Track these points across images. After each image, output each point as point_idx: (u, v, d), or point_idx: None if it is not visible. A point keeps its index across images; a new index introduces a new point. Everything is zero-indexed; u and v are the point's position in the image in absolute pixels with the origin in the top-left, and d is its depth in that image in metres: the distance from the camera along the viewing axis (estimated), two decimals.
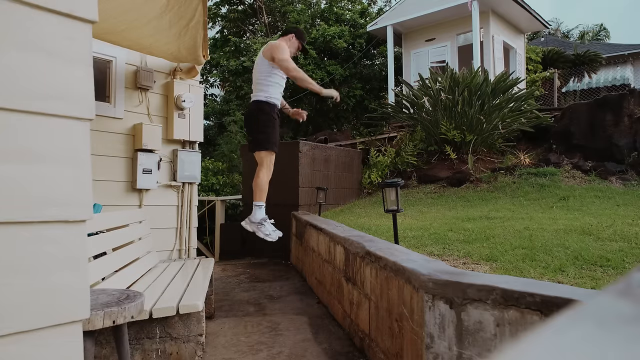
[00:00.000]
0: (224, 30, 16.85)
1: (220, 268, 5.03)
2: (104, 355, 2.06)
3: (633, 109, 6.61)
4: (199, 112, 3.99)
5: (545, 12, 58.41)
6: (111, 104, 3.49)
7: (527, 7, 10.32)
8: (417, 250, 2.85)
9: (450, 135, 7.09)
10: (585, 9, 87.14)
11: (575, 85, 12.68)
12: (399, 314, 1.78)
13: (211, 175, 9.50)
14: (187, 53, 3.34)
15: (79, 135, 1.00)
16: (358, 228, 3.67)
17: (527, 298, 1.16)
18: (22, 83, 0.90)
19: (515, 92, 7.59)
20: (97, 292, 1.75)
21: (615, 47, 15.27)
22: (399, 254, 1.96)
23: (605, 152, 6.51)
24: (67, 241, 0.97)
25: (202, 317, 2.23)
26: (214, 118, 14.42)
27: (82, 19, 0.99)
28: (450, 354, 1.37)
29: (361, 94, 12.45)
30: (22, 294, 0.90)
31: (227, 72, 13.53)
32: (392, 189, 2.65)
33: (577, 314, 0.24)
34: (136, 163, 3.52)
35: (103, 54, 3.42)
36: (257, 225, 3.52)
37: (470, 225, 3.73)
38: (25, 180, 0.91)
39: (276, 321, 2.96)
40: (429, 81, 7.78)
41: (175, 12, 2.79)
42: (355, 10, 14.35)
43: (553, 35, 20.27)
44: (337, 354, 2.38)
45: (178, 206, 3.88)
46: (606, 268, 2.25)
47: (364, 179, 7.15)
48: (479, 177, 6.49)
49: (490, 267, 2.41)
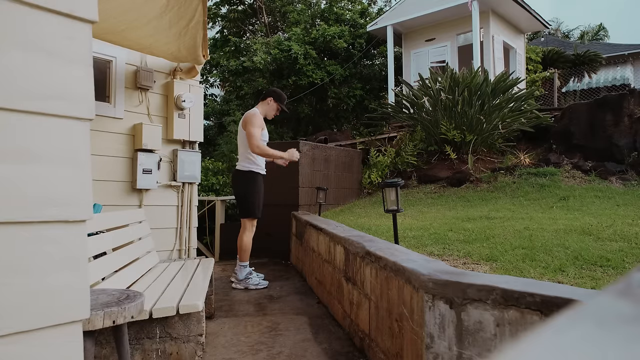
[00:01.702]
0: (224, 30, 16.86)
1: (220, 268, 5.03)
2: (104, 355, 2.06)
3: (633, 109, 6.61)
4: (199, 112, 3.99)
5: (545, 12, 58.40)
6: (111, 104, 3.49)
7: (527, 7, 10.32)
8: (417, 250, 2.85)
9: (450, 135, 7.09)
10: (584, 8, 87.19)
11: (575, 85, 12.68)
12: (399, 314, 1.78)
13: (211, 175, 9.49)
14: (187, 53, 3.34)
15: (79, 135, 1.00)
16: (358, 228, 3.67)
17: (527, 298, 1.16)
18: (22, 83, 0.90)
19: (515, 92, 7.59)
20: (97, 292, 1.75)
21: (615, 47, 15.28)
22: (399, 254, 1.95)
23: (605, 152, 6.51)
24: (67, 241, 0.97)
25: (202, 317, 2.23)
26: (214, 118, 14.42)
27: (82, 19, 0.99)
28: (450, 354, 1.37)
29: (361, 94, 12.44)
30: (22, 294, 0.90)
31: (227, 72, 13.54)
32: (392, 189, 2.65)
33: (577, 314, 0.24)
34: (136, 163, 3.52)
35: (103, 54, 3.41)
36: (244, 281, 3.86)
37: (470, 225, 3.72)
38: (25, 180, 0.91)
39: (276, 321, 2.96)
40: (429, 81, 7.78)
41: (175, 12, 2.79)
42: (355, 10, 14.34)
43: (553, 35, 20.28)
44: (337, 354, 2.38)
45: (178, 206, 3.88)
46: (606, 268, 2.25)
47: (364, 179, 7.15)
48: (479, 177, 6.49)
49: (490, 267, 2.41)
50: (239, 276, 3.88)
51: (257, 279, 3.91)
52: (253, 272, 3.97)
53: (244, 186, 3.82)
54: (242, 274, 3.88)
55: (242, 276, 3.87)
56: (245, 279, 3.86)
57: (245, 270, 3.89)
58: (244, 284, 3.85)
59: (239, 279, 3.87)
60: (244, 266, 3.90)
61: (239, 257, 3.89)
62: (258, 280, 3.91)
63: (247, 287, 3.83)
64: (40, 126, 0.93)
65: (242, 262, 3.89)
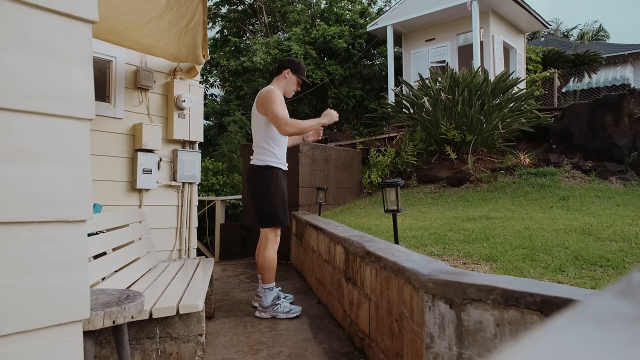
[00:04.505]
0: (224, 30, 16.87)
1: (220, 268, 5.03)
2: (104, 355, 2.06)
3: (633, 109, 6.61)
4: (199, 112, 3.99)
5: (545, 12, 58.41)
6: (111, 104, 3.49)
7: (527, 7, 10.32)
8: (417, 250, 2.85)
9: (450, 135, 7.09)
10: (584, 7, 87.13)
11: (575, 85, 12.68)
12: (399, 314, 1.78)
13: (211, 175, 9.50)
14: (187, 53, 3.34)
15: (79, 135, 1.00)
16: (358, 228, 3.67)
17: (527, 298, 1.16)
18: (22, 83, 0.90)
19: (515, 92, 7.59)
20: (97, 292, 1.75)
21: (615, 47, 15.28)
22: (399, 254, 1.96)
23: (605, 152, 6.51)
24: (67, 241, 0.97)
25: (202, 317, 2.23)
26: (214, 118, 14.43)
27: (82, 19, 0.99)
28: (450, 354, 1.37)
29: (361, 94, 12.45)
30: (22, 293, 0.90)
31: (227, 72, 13.55)
32: (392, 189, 2.65)
33: (577, 314, 0.24)
34: (136, 163, 3.52)
35: (103, 54, 3.42)
36: (272, 308, 3.03)
37: (470, 225, 3.72)
38: (25, 180, 0.91)
39: (276, 321, 2.96)
40: (429, 81, 7.78)
41: (175, 12, 2.79)
42: (355, 10, 14.35)
43: (553, 35, 20.28)
44: (337, 354, 2.38)
45: (178, 206, 3.88)
46: (606, 268, 2.25)
47: (364, 179, 7.15)
48: (479, 177, 6.49)
49: (490, 267, 2.41)
50: (265, 302, 3.04)
51: (287, 304, 3.08)
52: (281, 295, 3.19)
53: (262, 186, 3.06)
54: (269, 299, 3.04)
55: (268, 302, 3.03)
56: (272, 306, 3.03)
57: (271, 295, 3.06)
58: (270, 311, 3.02)
59: (264, 306, 3.03)
60: (270, 289, 3.07)
61: (262, 279, 3.10)
62: (288, 305, 3.07)
63: (276, 316, 3.01)
64: (40, 126, 0.93)
65: (267, 284, 3.07)
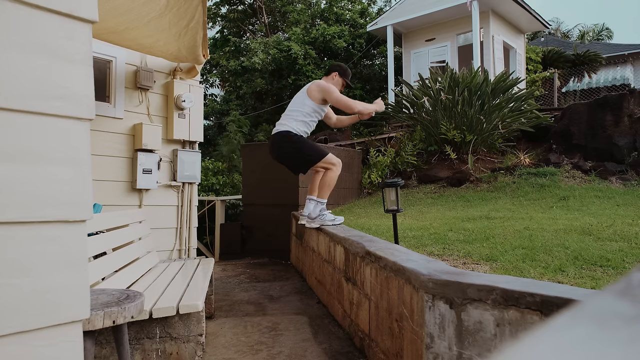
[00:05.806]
0: (224, 30, 16.87)
1: (220, 268, 5.03)
2: (104, 355, 2.06)
3: (633, 109, 6.61)
4: (199, 112, 3.99)
5: (545, 12, 58.39)
6: (111, 104, 3.49)
7: (527, 7, 10.32)
8: (417, 250, 2.85)
9: (450, 135, 7.09)
10: (585, 7, 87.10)
11: (575, 85, 12.68)
12: (399, 314, 1.78)
13: (211, 175, 9.50)
14: (187, 53, 3.34)
15: (79, 135, 1.00)
16: (358, 228, 3.67)
17: (527, 298, 1.16)
18: (22, 83, 0.90)
19: (515, 92, 7.59)
20: (97, 292, 1.75)
21: (615, 47, 15.28)
22: (399, 254, 1.95)
23: (605, 152, 6.51)
24: (67, 241, 0.97)
25: (202, 317, 2.23)
26: (214, 118, 14.44)
27: (82, 19, 0.99)
28: (450, 354, 1.37)
29: (361, 94, 12.45)
30: (22, 293, 0.90)
31: (227, 72, 13.55)
32: (392, 189, 2.65)
33: (577, 314, 0.24)
34: (136, 163, 3.52)
35: (103, 54, 3.42)
36: (319, 218, 3.46)
37: (470, 225, 3.72)
38: (25, 180, 0.91)
39: (276, 321, 2.96)
40: (429, 81, 7.78)
41: (175, 12, 2.79)
42: (355, 10, 14.36)
43: (553, 35, 20.27)
44: (337, 354, 2.38)
45: (178, 206, 3.88)
46: (606, 268, 2.25)
47: (363, 179, 7.15)
48: (479, 177, 6.49)
49: (490, 267, 2.41)
50: (313, 213, 3.46)
51: (331, 215, 3.50)
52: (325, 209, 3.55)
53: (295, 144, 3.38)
54: (317, 209, 3.45)
55: (316, 213, 3.45)
56: (320, 216, 3.45)
57: (320, 206, 3.47)
58: (319, 221, 3.45)
59: (312, 217, 3.47)
60: (322, 203, 3.47)
61: (319, 194, 3.45)
62: (332, 216, 3.48)
63: (323, 224, 3.42)
64: (40, 126, 0.93)
65: (321, 198, 3.45)
